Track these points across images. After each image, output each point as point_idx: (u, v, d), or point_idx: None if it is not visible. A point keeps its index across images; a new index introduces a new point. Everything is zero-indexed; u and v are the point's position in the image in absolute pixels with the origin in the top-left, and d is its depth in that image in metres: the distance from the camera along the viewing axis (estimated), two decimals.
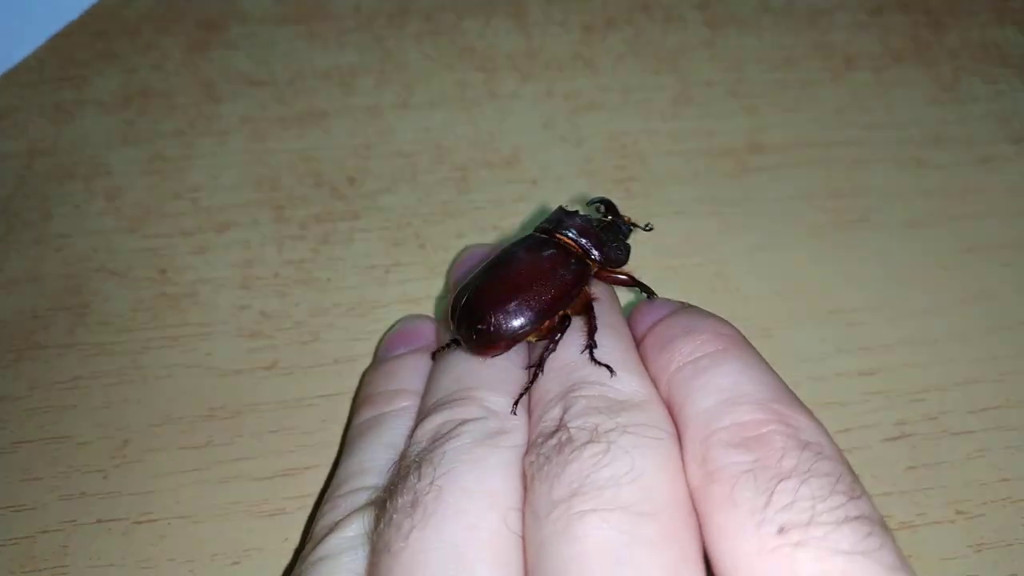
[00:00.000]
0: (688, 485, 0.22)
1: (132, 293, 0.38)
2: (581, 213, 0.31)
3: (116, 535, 0.32)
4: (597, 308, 0.28)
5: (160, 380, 0.36)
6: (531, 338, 0.28)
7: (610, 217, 0.32)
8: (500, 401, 0.26)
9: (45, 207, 0.41)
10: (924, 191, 0.42)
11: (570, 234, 0.30)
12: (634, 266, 0.38)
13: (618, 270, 0.31)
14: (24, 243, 0.40)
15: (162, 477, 0.33)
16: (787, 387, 0.24)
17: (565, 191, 0.42)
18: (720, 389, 0.23)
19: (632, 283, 0.31)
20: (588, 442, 0.22)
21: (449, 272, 0.37)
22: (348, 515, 0.26)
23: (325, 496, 0.28)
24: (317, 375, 0.36)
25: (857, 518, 0.19)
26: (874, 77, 0.48)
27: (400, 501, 0.23)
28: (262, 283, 0.38)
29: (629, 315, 0.30)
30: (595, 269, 0.30)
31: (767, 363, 0.25)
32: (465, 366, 0.29)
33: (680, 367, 0.24)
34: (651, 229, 0.32)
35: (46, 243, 0.40)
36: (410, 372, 0.31)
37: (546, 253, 0.29)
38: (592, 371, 0.25)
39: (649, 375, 0.26)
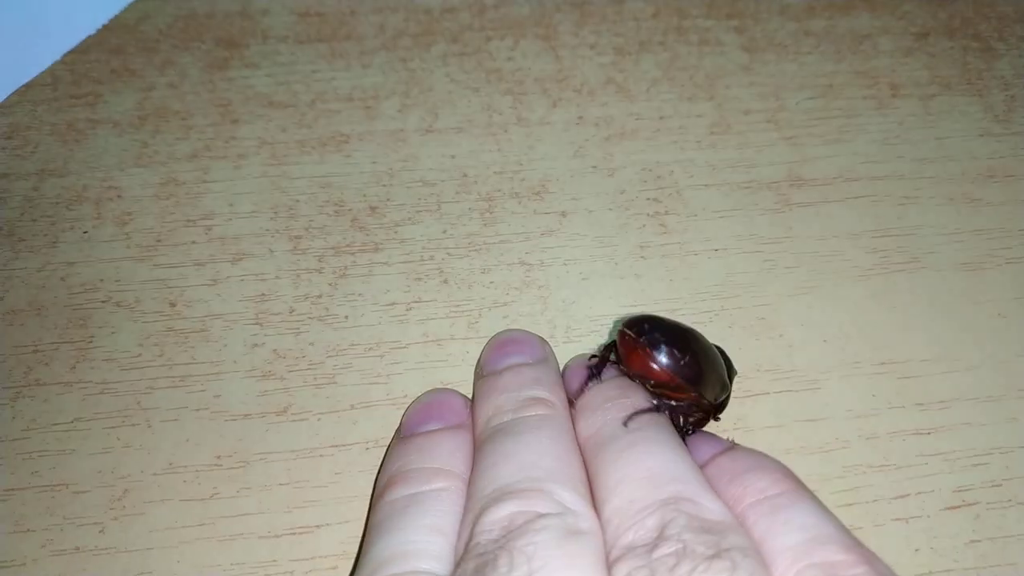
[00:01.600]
0: None
1: (139, 327, 0.35)
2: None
3: None
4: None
5: (165, 424, 0.32)
6: (659, 386, 0.29)
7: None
8: (572, 498, 0.24)
9: (52, 232, 0.38)
10: (978, 230, 0.39)
11: (726, 357, 0.31)
12: (672, 306, 0.35)
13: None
14: (29, 271, 0.37)
15: (162, 532, 0.30)
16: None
17: (596, 224, 0.38)
18: (804, 527, 0.23)
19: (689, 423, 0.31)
20: (713, 557, 0.21)
21: (491, 352, 0.32)
22: None
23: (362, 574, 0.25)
24: (331, 422, 0.32)
25: None
26: (922, 106, 0.44)
27: None
28: (277, 319, 0.35)
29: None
30: (726, 393, 0.31)
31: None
32: (528, 454, 0.26)
33: (758, 501, 0.24)
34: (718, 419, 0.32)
35: (51, 271, 0.37)
36: (448, 451, 0.28)
37: (713, 347, 0.31)
38: (687, 488, 0.24)
39: None
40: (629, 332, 0.29)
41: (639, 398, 0.28)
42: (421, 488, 0.26)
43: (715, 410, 0.30)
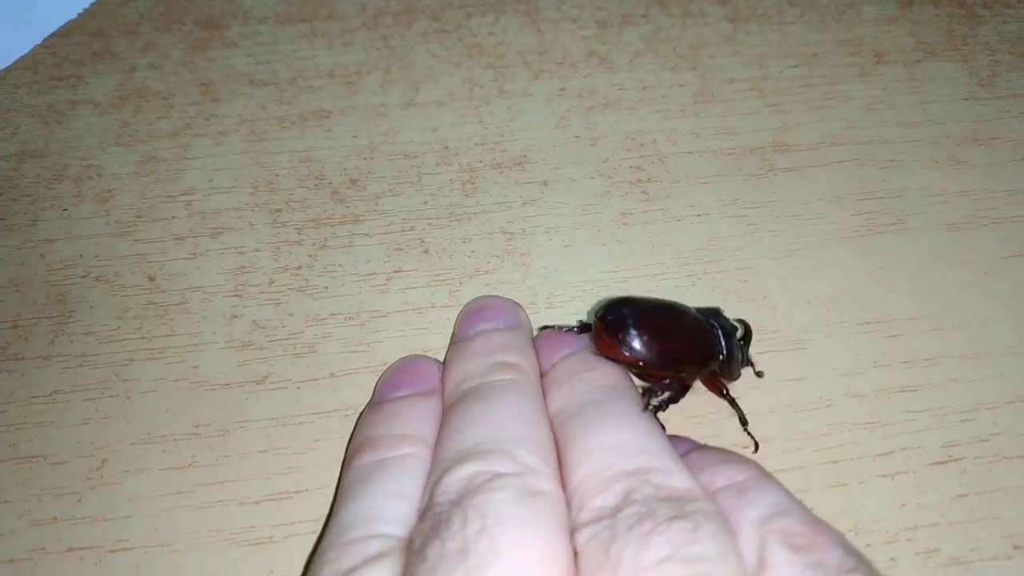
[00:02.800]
0: None
1: (119, 301, 0.35)
2: (731, 321, 0.31)
3: (88, 565, 0.28)
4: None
5: (144, 395, 0.32)
6: (638, 370, 0.29)
7: (743, 342, 0.31)
8: (534, 460, 0.24)
9: (32, 211, 0.38)
10: (964, 192, 0.38)
11: (717, 328, 0.30)
12: (654, 272, 0.34)
13: (722, 382, 0.31)
14: (8, 248, 0.36)
15: (140, 501, 0.29)
16: None
17: (579, 193, 0.38)
18: (769, 504, 0.23)
19: (730, 403, 0.31)
20: (675, 518, 0.21)
21: (464, 318, 0.32)
22: (361, 563, 0.22)
23: (325, 542, 0.24)
24: (311, 390, 0.32)
25: None
26: (906, 72, 0.43)
27: (445, 548, 0.21)
28: (256, 291, 0.35)
29: None
30: (713, 367, 0.30)
31: None
32: (493, 417, 0.25)
33: (726, 486, 0.24)
34: (761, 375, 0.32)
35: (31, 249, 0.36)
36: (417, 417, 0.27)
37: (698, 323, 0.30)
38: (657, 460, 0.24)
39: None
40: (598, 320, 0.29)
41: (606, 371, 0.28)
42: (387, 454, 0.26)
43: (721, 378, 0.31)
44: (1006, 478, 0.30)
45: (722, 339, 0.30)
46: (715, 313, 0.31)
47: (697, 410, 0.31)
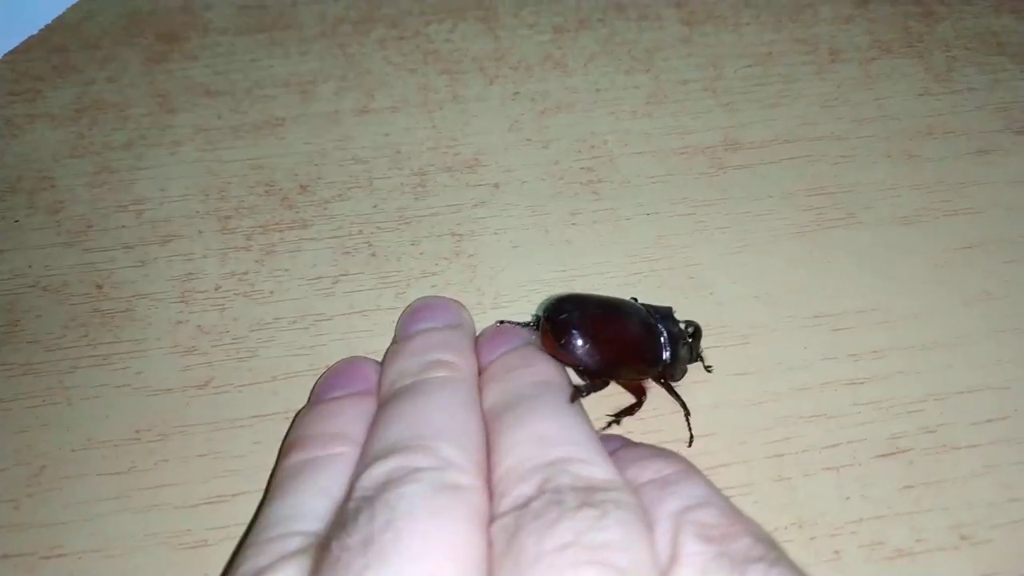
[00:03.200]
0: None
1: (66, 310, 0.34)
2: (680, 325, 0.31)
3: (21, 572, 0.28)
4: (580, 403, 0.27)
5: (86, 401, 0.32)
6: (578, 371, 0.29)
7: (691, 340, 0.31)
8: (457, 455, 0.23)
9: None
10: (917, 185, 0.38)
11: (663, 332, 0.30)
12: (602, 270, 0.34)
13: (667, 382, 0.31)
14: None
15: (77, 507, 0.29)
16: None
17: (529, 195, 0.38)
18: (689, 496, 0.22)
19: (672, 395, 0.31)
20: (583, 505, 0.21)
21: (405, 318, 0.32)
22: (277, 560, 0.22)
23: (247, 540, 0.24)
24: (252, 393, 0.31)
25: None
26: (861, 70, 0.43)
27: (350, 540, 0.20)
28: (202, 297, 0.34)
29: None
30: (653, 373, 0.30)
31: None
32: (420, 413, 0.25)
33: (651, 480, 0.23)
34: (711, 370, 0.32)
35: None
36: (349, 417, 0.27)
37: (645, 329, 0.30)
38: (578, 451, 0.23)
39: None
40: (545, 320, 0.29)
41: (543, 367, 0.28)
42: (316, 453, 0.25)
43: (664, 377, 0.30)
44: (953, 469, 0.29)
45: (667, 344, 0.30)
46: (665, 315, 0.31)
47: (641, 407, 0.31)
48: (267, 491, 0.26)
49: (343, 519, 0.21)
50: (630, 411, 0.30)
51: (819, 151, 0.39)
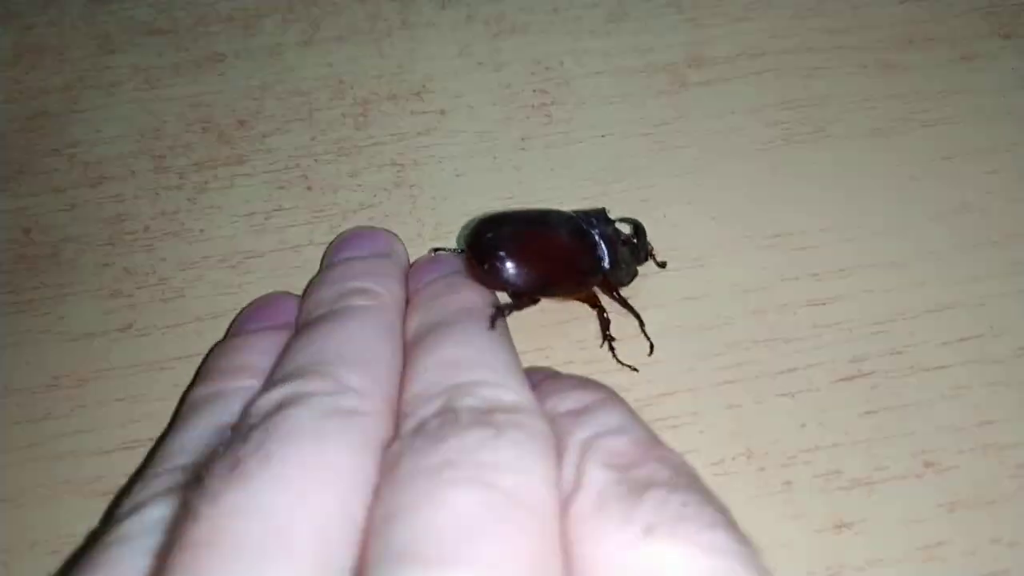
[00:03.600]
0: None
1: None
2: (616, 225, 0.29)
3: None
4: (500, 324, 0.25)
5: (4, 349, 0.30)
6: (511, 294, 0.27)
7: (635, 240, 0.29)
8: (359, 381, 0.21)
9: None
10: (893, 96, 0.35)
11: (597, 236, 0.28)
12: (551, 196, 0.32)
13: (615, 289, 0.29)
14: None
15: None
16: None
17: (477, 120, 0.35)
18: (601, 424, 0.20)
19: (622, 304, 0.28)
20: (476, 423, 0.19)
21: (331, 250, 0.30)
22: (155, 495, 0.20)
23: (139, 475, 0.22)
24: (176, 335, 0.30)
25: (726, 524, 0.17)
26: None
27: (217, 467, 0.18)
28: (130, 238, 0.33)
29: None
30: (595, 283, 0.28)
31: None
32: (328, 340, 0.23)
33: (569, 410, 0.21)
34: (664, 266, 0.30)
35: None
36: (260, 349, 0.25)
37: (577, 238, 0.28)
38: (490, 374, 0.21)
39: None
40: (467, 246, 0.27)
41: (467, 294, 0.26)
42: (219, 387, 0.24)
43: (610, 287, 0.28)
44: (920, 392, 0.27)
45: (605, 248, 0.27)
46: (598, 217, 0.28)
47: (581, 335, 0.28)
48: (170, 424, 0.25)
49: (224, 449, 0.20)
50: (605, 326, 0.28)
51: (789, 64, 0.36)
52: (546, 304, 0.29)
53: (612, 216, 0.29)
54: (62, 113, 0.38)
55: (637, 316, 0.28)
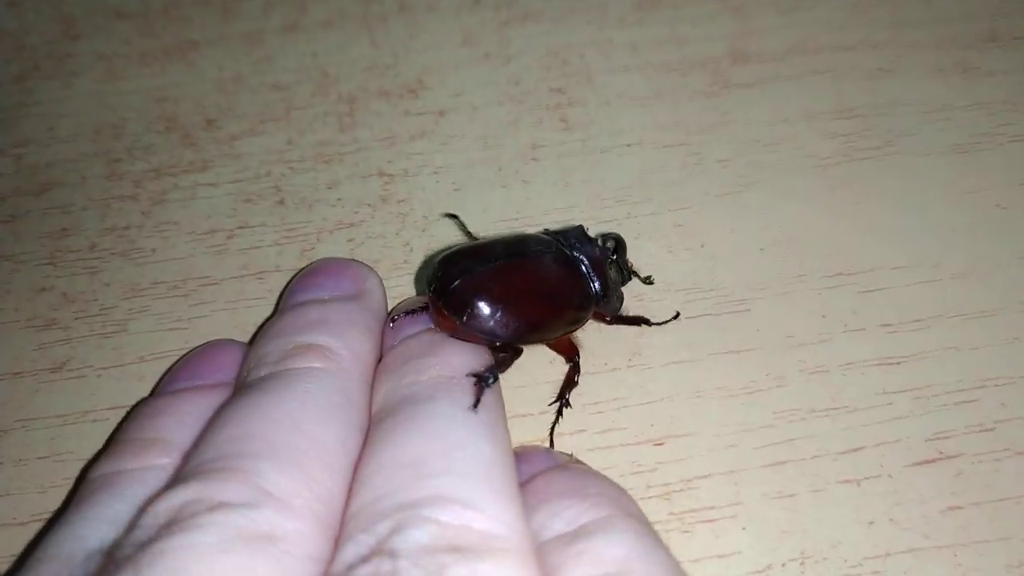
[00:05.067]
0: None
1: None
2: (599, 243, 0.24)
3: None
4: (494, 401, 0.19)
5: None
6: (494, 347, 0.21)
7: (615, 257, 0.24)
8: (288, 485, 0.16)
9: None
10: (974, 105, 0.29)
11: (584, 260, 0.22)
12: (564, 217, 0.26)
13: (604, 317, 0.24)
14: None
15: None
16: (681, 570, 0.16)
17: (481, 123, 0.30)
18: (601, 561, 0.16)
19: (620, 322, 0.24)
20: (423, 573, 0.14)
21: (289, 288, 0.24)
22: None
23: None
24: (112, 378, 0.25)
25: None
26: None
27: None
28: (73, 258, 0.28)
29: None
30: (589, 317, 0.23)
31: (660, 538, 0.17)
32: (254, 421, 0.18)
33: (561, 534, 0.17)
34: (651, 283, 0.25)
35: None
36: (183, 416, 0.20)
37: (562, 266, 0.22)
38: (458, 485, 0.16)
39: None
40: (431, 294, 0.21)
41: (449, 357, 0.20)
42: (127, 465, 0.19)
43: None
44: (1017, 483, 0.21)
45: (594, 274, 0.22)
46: (578, 237, 0.23)
47: (595, 396, 0.23)
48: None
49: (103, 568, 0.15)
50: (572, 383, 0.22)
51: (848, 64, 0.31)
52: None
53: (589, 232, 0.24)
54: (13, 107, 0.33)
55: (642, 320, 0.24)
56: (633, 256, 0.25)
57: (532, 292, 0.21)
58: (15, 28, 0.36)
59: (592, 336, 0.24)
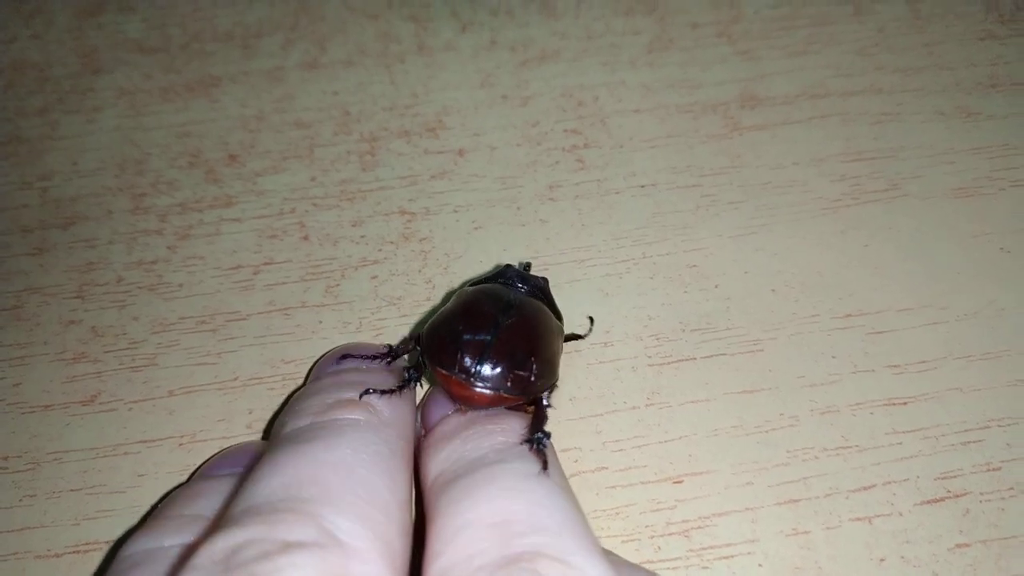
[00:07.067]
0: None
1: None
2: (534, 275, 0.24)
3: None
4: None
5: None
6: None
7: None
8: (352, 528, 0.16)
9: None
10: (976, 148, 0.30)
11: (539, 294, 0.24)
12: (581, 256, 0.27)
13: None
14: None
15: None
16: None
17: (499, 163, 0.31)
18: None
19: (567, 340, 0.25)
20: None
21: (319, 364, 0.24)
22: None
23: None
24: (144, 412, 0.25)
25: None
26: (908, 8, 0.35)
27: None
28: (100, 291, 0.29)
29: None
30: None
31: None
32: (304, 467, 0.17)
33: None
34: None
35: None
36: (223, 499, 0.20)
37: (538, 306, 0.23)
38: (555, 543, 0.16)
39: None
40: (439, 367, 0.21)
41: (514, 422, 0.20)
42: (163, 542, 0.18)
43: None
44: (1023, 520, 0.22)
45: (551, 301, 0.24)
46: (521, 275, 0.24)
47: (616, 435, 0.24)
48: None
49: None
50: (543, 420, 0.21)
51: (856, 108, 0.32)
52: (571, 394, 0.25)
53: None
54: (37, 140, 0.34)
55: (575, 336, 0.25)
56: (648, 296, 0.26)
57: (536, 336, 0.22)
58: (39, 60, 0.37)
59: (610, 376, 0.25)
